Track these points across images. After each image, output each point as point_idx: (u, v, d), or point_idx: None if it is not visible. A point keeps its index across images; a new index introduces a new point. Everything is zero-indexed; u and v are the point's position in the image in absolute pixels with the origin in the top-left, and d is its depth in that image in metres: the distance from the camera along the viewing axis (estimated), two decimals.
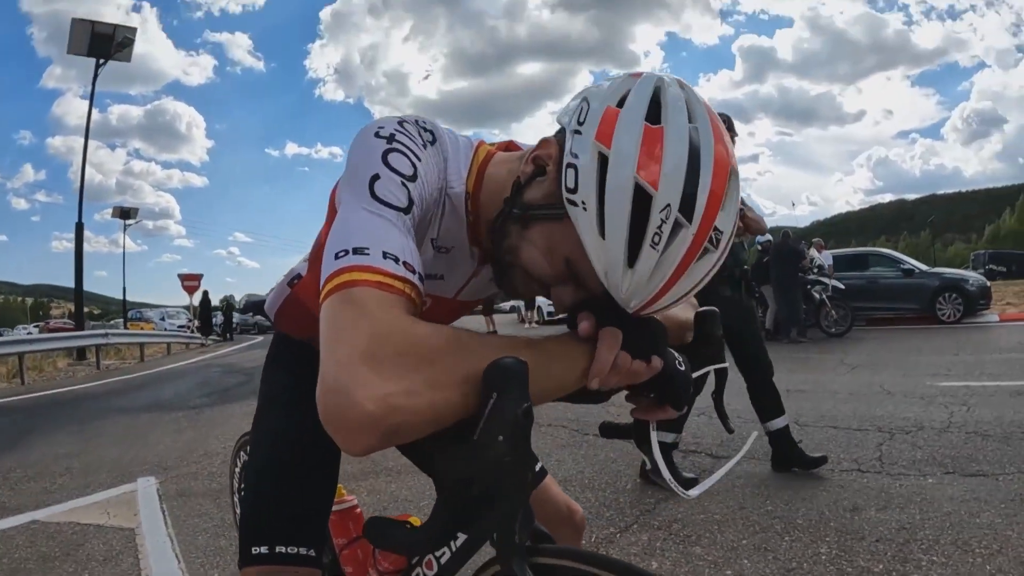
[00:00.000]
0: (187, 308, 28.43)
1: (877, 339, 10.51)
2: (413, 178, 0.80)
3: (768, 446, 3.67)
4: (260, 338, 24.62)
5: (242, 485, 1.20)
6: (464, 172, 0.91)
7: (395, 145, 0.81)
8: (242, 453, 1.82)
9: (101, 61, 19.58)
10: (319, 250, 1.13)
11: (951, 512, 2.83)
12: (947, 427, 4.32)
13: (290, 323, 1.33)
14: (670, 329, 0.83)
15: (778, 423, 3.64)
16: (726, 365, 1.01)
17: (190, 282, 25.27)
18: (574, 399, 0.79)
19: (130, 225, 33.36)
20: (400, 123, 0.85)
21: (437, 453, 0.66)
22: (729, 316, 3.69)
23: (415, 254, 0.74)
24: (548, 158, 0.80)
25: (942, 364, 7.24)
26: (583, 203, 0.72)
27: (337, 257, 0.70)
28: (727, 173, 0.72)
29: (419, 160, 0.82)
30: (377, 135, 0.82)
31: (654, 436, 0.90)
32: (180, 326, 26.87)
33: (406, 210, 0.77)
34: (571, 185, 0.72)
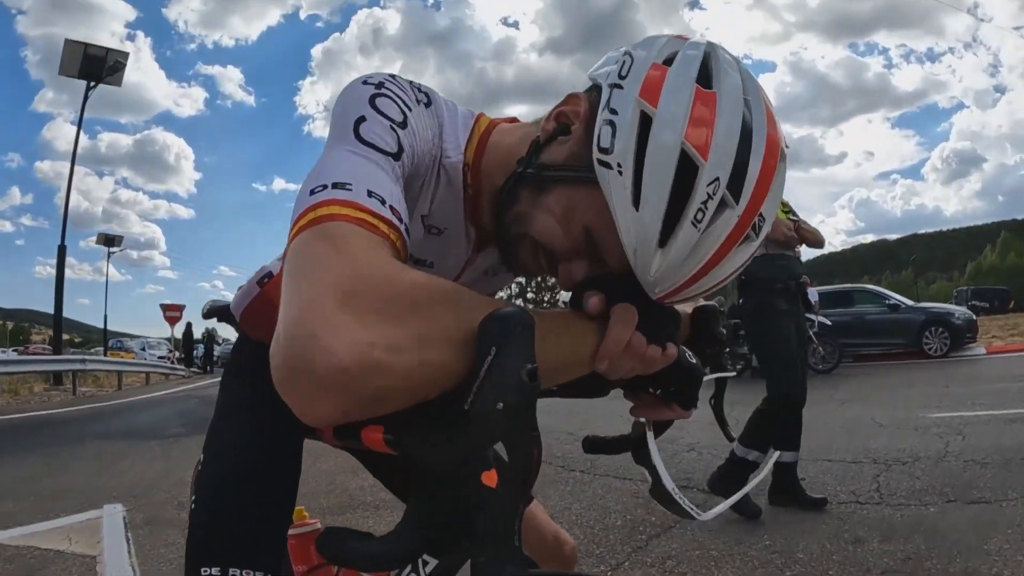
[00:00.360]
0: (168, 339, 28.00)
1: (866, 374, 10.47)
2: (403, 125, 0.70)
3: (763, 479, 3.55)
4: None
5: (194, 498, 1.07)
6: (463, 141, 0.81)
7: (384, 91, 0.72)
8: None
9: (92, 84, 19.51)
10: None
11: (957, 540, 2.72)
12: (944, 456, 4.23)
13: (257, 326, 1.19)
14: None
15: (788, 456, 3.50)
16: (733, 373, 0.90)
17: (172, 312, 24.93)
18: (572, 390, 0.69)
19: (114, 253, 33.03)
20: (391, 75, 0.76)
21: (411, 430, 0.53)
22: (785, 331, 3.53)
23: (403, 204, 0.63)
24: (575, 116, 0.71)
25: (933, 396, 7.19)
26: (618, 165, 0.62)
27: (313, 192, 0.59)
28: (779, 153, 0.64)
29: (410, 110, 0.72)
30: (365, 83, 0.73)
31: (652, 441, 0.78)
32: (160, 357, 26.39)
33: (396, 156, 0.67)
34: (606, 144, 0.63)
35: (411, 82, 0.78)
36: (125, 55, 20.26)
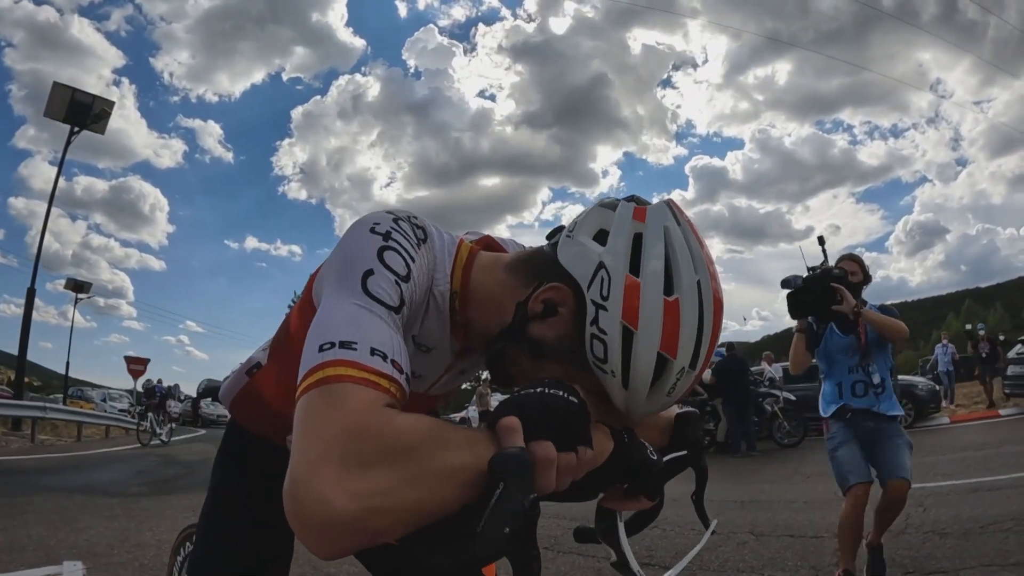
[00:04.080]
0: (131, 392, 27.09)
1: None
2: (407, 278, 0.79)
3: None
4: (203, 431, 23.29)
5: None
6: (448, 269, 0.91)
7: (390, 243, 0.80)
8: (188, 543, 1.74)
9: (75, 129, 19.46)
10: (284, 341, 1.11)
11: None
12: (904, 529, 4.28)
13: (246, 415, 1.26)
14: (649, 431, 0.87)
15: None
16: (705, 466, 0.99)
17: (136, 366, 24.06)
18: (562, 495, 0.74)
19: (82, 300, 32.35)
20: (395, 220, 0.85)
21: (427, 550, 0.61)
22: None
23: (404, 353, 0.73)
24: (562, 302, 0.83)
25: None
26: (612, 372, 0.78)
27: (321, 349, 0.67)
28: (722, 312, 0.81)
29: (413, 261, 0.82)
30: (373, 231, 0.81)
31: (622, 527, 0.89)
32: (121, 410, 25.44)
33: (397, 309, 0.76)
34: (600, 356, 0.79)
35: (410, 218, 0.87)
36: (111, 104, 20.26)
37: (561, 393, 0.70)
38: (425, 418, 0.65)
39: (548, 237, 0.93)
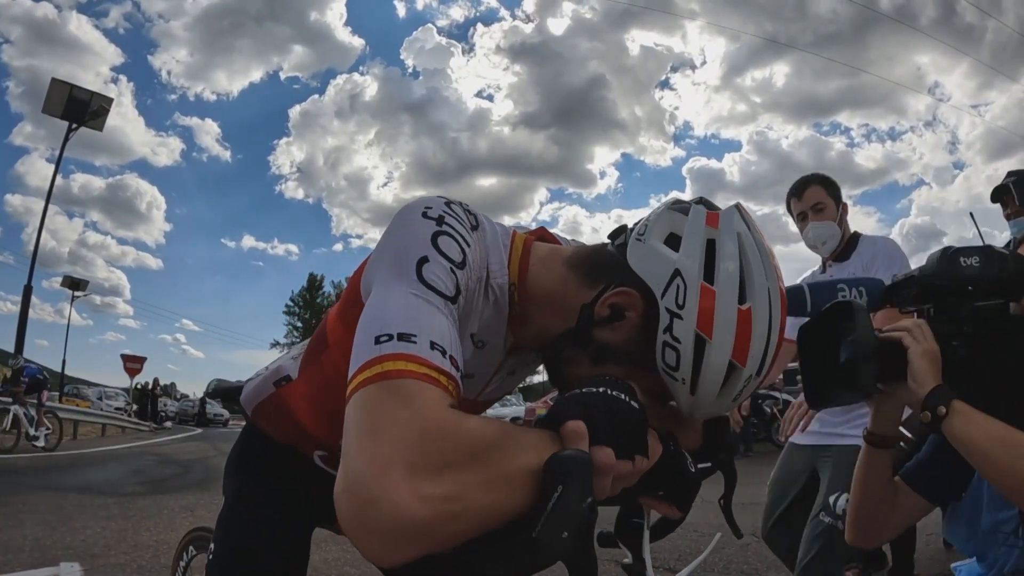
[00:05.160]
0: (126, 391, 27.04)
1: None
2: (462, 265, 0.76)
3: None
4: (199, 430, 23.14)
5: None
6: (505, 260, 0.87)
7: (444, 228, 0.77)
8: (191, 547, 1.71)
9: (73, 126, 19.42)
10: (319, 351, 1.06)
11: None
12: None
13: (269, 424, 1.20)
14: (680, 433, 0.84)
15: None
16: (735, 471, 0.97)
17: (132, 364, 24.04)
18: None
19: (78, 297, 32.30)
20: (447, 204, 0.82)
21: (481, 558, 0.59)
22: None
23: (459, 348, 0.70)
24: (631, 307, 0.81)
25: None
26: (682, 380, 0.78)
27: (379, 341, 0.63)
28: (786, 315, 0.80)
29: (468, 246, 0.79)
30: (425, 215, 0.78)
31: (647, 536, 0.88)
32: (117, 408, 25.39)
33: (453, 299, 0.73)
34: (672, 364, 0.77)
35: (462, 205, 0.84)
36: (109, 100, 20.27)
37: (624, 397, 0.68)
38: (491, 419, 0.63)
39: (611, 236, 0.90)
